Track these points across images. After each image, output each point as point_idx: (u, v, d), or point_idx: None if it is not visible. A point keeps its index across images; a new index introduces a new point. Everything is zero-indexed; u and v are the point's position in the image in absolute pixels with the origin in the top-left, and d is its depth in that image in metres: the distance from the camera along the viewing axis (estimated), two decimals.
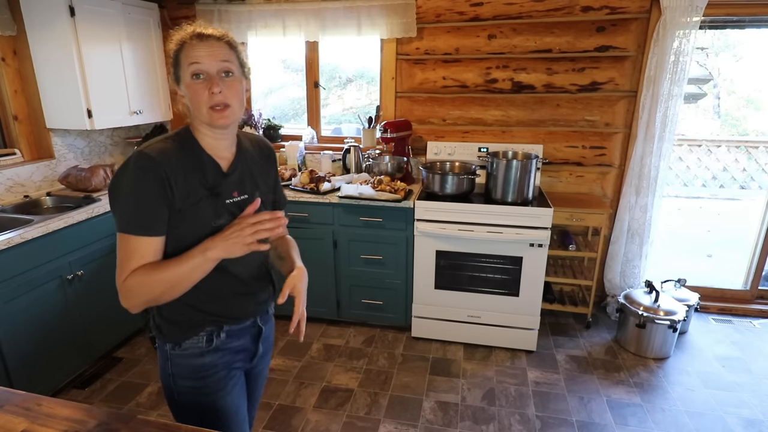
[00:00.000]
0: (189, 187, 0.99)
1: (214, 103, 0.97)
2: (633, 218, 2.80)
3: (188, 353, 1.09)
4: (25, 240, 1.94)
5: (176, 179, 0.97)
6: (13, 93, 2.56)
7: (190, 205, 0.99)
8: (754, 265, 2.99)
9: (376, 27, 2.82)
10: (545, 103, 2.85)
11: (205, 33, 0.98)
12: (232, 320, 1.13)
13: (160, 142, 1.01)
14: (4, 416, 0.88)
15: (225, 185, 1.06)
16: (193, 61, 0.96)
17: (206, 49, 0.97)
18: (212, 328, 1.10)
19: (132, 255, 0.95)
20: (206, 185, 1.02)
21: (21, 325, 1.98)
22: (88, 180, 2.56)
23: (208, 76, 0.97)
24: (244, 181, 1.10)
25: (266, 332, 1.25)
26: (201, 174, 1.02)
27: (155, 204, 0.95)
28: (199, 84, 0.97)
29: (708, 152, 5.38)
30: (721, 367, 2.48)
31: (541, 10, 2.68)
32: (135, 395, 2.25)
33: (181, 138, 1.04)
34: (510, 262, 2.49)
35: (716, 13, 2.53)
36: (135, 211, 0.95)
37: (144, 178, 0.94)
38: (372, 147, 2.98)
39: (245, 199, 1.09)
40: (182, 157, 1.00)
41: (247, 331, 1.18)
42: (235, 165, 1.09)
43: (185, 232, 1.00)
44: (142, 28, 2.88)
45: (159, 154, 0.96)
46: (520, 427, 2.06)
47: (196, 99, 0.98)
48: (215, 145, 1.06)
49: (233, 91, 1.00)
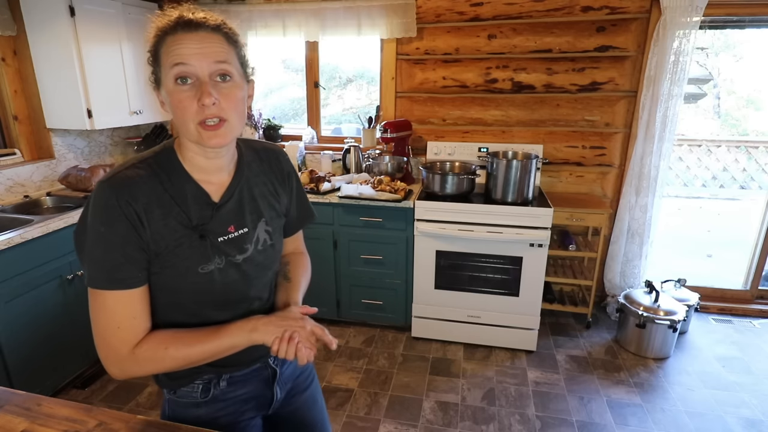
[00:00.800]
0: (165, 227, 0.78)
1: (205, 117, 0.74)
2: (633, 218, 2.80)
3: (183, 402, 0.92)
4: (25, 240, 1.94)
5: (149, 219, 0.77)
6: (13, 93, 2.56)
7: (168, 249, 0.79)
8: (754, 265, 2.99)
9: (376, 27, 2.82)
10: (545, 103, 2.85)
11: (194, 20, 0.74)
12: (232, 367, 0.92)
13: (131, 167, 0.78)
14: (4, 416, 0.88)
15: (216, 220, 0.83)
16: (178, 61, 0.72)
17: (196, 44, 0.73)
18: (209, 376, 0.91)
19: (117, 316, 0.77)
20: (189, 224, 0.80)
21: (21, 325, 1.97)
22: (88, 180, 2.56)
23: (198, 80, 0.73)
24: (243, 211, 0.87)
25: (286, 372, 1.02)
26: (181, 209, 0.80)
27: (126, 251, 0.75)
28: (185, 92, 0.73)
29: (708, 152, 5.38)
30: (721, 367, 2.48)
31: (541, 10, 2.68)
32: (135, 395, 2.25)
33: (159, 160, 0.81)
34: (510, 262, 2.49)
35: (716, 13, 2.53)
36: (105, 262, 0.75)
37: (108, 219, 0.74)
38: (372, 147, 2.98)
39: (245, 234, 0.87)
40: (156, 188, 0.78)
41: (255, 376, 0.96)
42: (231, 190, 0.86)
43: (167, 280, 0.81)
44: (142, 28, 2.88)
45: (125, 186, 0.75)
46: (520, 427, 2.06)
47: (180, 111, 0.74)
48: (205, 167, 0.83)
49: (231, 101, 0.76)
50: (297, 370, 1.06)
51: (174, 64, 0.73)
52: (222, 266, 0.84)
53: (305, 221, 1.09)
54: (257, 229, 0.89)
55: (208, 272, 0.82)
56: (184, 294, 0.83)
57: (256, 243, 0.89)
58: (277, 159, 0.98)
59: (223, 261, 0.84)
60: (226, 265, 0.84)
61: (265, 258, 0.92)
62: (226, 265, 0.84)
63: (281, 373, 1.00)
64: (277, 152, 0.99)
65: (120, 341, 0.78)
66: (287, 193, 0.99)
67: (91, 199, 0.76)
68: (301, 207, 1.05)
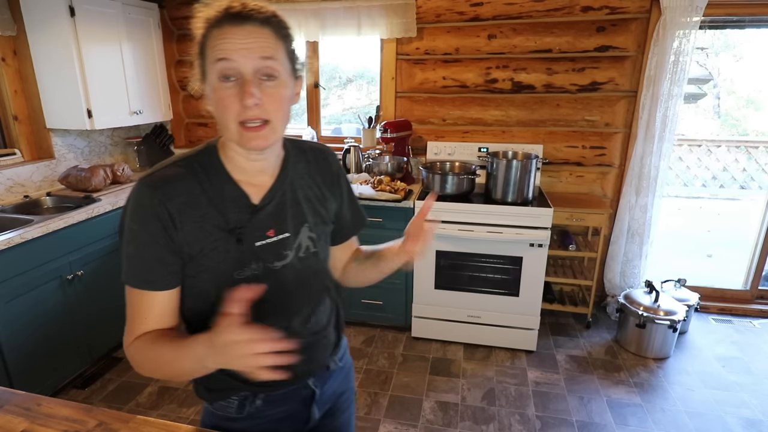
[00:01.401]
0: (202, 230, 0.76)
1: (247, 117, 0.70)
2: (633, 218, 2.80)
3: (219, 415, 0.89)
4: (25, 240, 1.94)
5: (183, 220, 0.74)
6: (13, 93, 2.56)
7: (203, 252, 0.76)
8: (754, 265, 2.99)
9: (376, 27, 2.82)
10: (545, 103, 2.85)
11: (242, 12, 0.69)
12: (269, 386, 0.86)
13: (171, 166, 0.77)
14: (4, 416, 0.88)
15: (254, 223, 0.79)
16: (222, 56, 0.69)
17: (242, 39, 0.68)
18: (245, 393, 0.87)
19: (135, 312, 0.77)
20: (226, 226, 0.77)
21: (21, 325, 1.97)
22: (88, 180, 2.56)
23: (241, 78, 0.69)
24: (284, 215, 0.82)
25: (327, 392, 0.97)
26: (218, 211, 0.77)
27: (156, 251, 0.74)
28: (227, 89, 0.70)
29: (708, 152, 5.38)
30: (721, 367, 2.48)
31: (541, 10, 2.68)
32: (135, 395, 2.25)
33: (200, 159, 0.79)
34: (510, 262, 2.49)
35: (716, 13, 2.53)
36: (134, 259, 0.75)
37: (141, 218, 0.73)
38: (372, 147, 2.98)
39: (285, 239, 0.82)
40: (194, 188, 0.76)
41: (294, 395, 0.91)
42: (272, 193, 0.81)
43: (202, 285, 0.78)
44: (142, 28, 2.88)
45: (162, 184, 0.74)
46: (520, 427, 2.06)
47: (221, 110, 0.71)
48: (247, 168, 0.79)
49: (275, 102, 0.72)
50: (339, 390, 1.00)
51: (217, 60, 0.69)
52: (259, 273, 0.79)
53: (359, 226, 1.01)
54: (300, 235, 0.84)
55: (244, 278, 0.78)
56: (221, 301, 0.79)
57: (298, 249, 0.84)
58: (325, 159, 0.92)
59: (261, 267, 0.79)
60: (263, 272, 0.80)
61: (307, 266, 0.86)
62: (263, 273, 0.80)
63: (321, 393, 0.95)
64: (326, 152, 0.93)
65: (128, 332, 0.78)
66: (336, 197, 0.93)
67: (130, 194, 0.75)
68: (354, 210, 0.98)
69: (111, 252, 2.43)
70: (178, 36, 3.23)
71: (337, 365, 0.99)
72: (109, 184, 2.68)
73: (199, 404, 2.18)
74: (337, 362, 0.99)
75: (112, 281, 2.45)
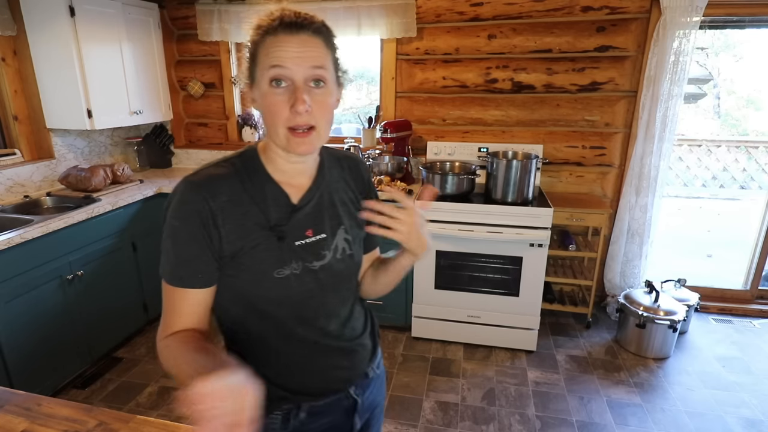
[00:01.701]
0: (243, 228, 0.77)
1: (296, 123, 0.73)
2: (633, 218, 2.80)
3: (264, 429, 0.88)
4: (25, 240, 1.94)
5: (225, 218, 0.76)
6: (13, 93, 2.56)
7: (244, 250, 0.78)
8: (754, 265, 2.99)
9: (376, 27, 2.82)
10: (545, 103, 2.85)
11: (297, 21, 0.72)
12: (311, 396, 0.88)
13: (214, 166, 0.79)
14: (4, 416, 0.88)
15: (294, 223, 0.81)
16: (276, 63, 0.71)
17: (295, 47, 0.71)
18: (288, 406, 0.87)
19: (169, 307, 0.78)
20: (267, 224, 0.79)
21: (21, 325, 1.97)
22: (88, 180, 2.56)
23: (292, 85, 0.72)
24: (322, 216, 0.85)
25: (367, 401, 0.98)
26: (260, 209, 0.79)
27: (193, 249, 0.75)
28: (278, 95, 0.73)
29: (708, 152, 5.38)
30: (721, 367, 2.48)
31: (541, 10, 2.68)
32: (135, 395, 2.25)
33: (243, 161, 0.82)
34: (510, 262, 2.49)
35: (716, 13, 2.53)
36: (172, 256, 0.76)
37: (183, 216, 0.75)
38: (372, 147, 2.98)
39: (322, 240, 0.84)
40: (236, 187, 0.78)
41: (336, 406, 0.92)
42: (311, 194, 0.84)
43: (243, 285, 0.79)
44: (142, 28, 2.88)
45: (206, 183, 0.76)
46: (520, 427, 2.06)
47: (271, 114, 0.74)
48: (287, 170, 0.82)
49: (322, 108, 0.75)
50: (376, 400, 1.02)
51: (271, 66, 0.72)
52: (299, 272, 0.81)
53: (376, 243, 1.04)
54: (336, 237, 0.86)
55: (284, 277, 0.79)
56: (261, 302, 0.81)
57: (335, 251, 0.86)
58: (357, 167, 0.96)
59: (300, 267, 0.81)
60: (302, 271, 0.81)
61: (343, 268, 0.88)
62: (302, 272, 0.81)
63: (362, 402, 0.96)
64: (358, 161, 0.98)
65: (162, 326, 0.79)
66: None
67: (174, 191, 0.77)
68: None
69: (111, 252, 2.43)
70: (178, 36, 3.23)
71: (375, 372, 1.00)
72: (109, 184, 2.68)
73: None
74: (375, 370, 1.00)
75: (112, 281, 2.45)
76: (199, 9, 3.03)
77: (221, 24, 3.01)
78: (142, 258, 2.65)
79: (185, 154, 3.42)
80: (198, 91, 3.29)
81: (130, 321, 2.63)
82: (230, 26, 3.00)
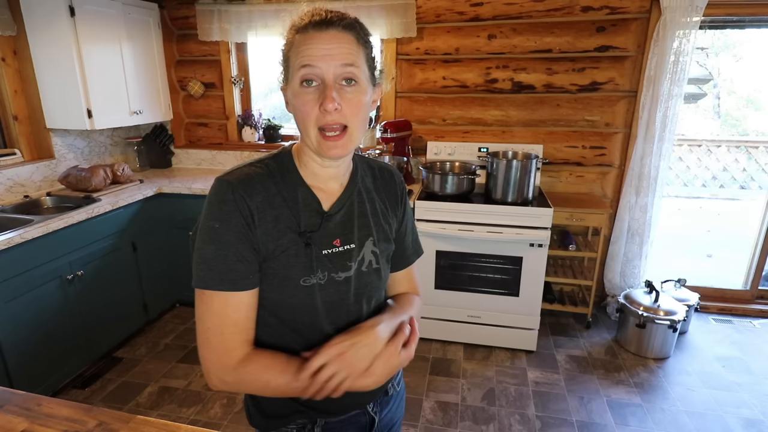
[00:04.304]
0: (275, 228, 0.75)
1: (326, 123, 0.71)
2: (633, 218, 2.80)
3: None
4: (25, 240, 1.94)
5: (261, 217, 0.74)
6: (13, 93, 2.56)
7: (274, 254, 0.75)
8: (754, 265, 2.99)
9: (376, 27, 2.82)
10: (545, 103, 2.85)
11: (327, 17, 0.71)
12: (327, 413, 0.86)
13: (248, 166, 0.78)
14: (4, 416, 0.88)
15: (323, 230, 0.79)
16: (305, 63, 0.70)
17: (324, 44, 0.70)
18: (303, 421, 0.85)
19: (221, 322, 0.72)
20: (296, 228, 0.77)
21: (21, 325, 1.98)
22: (88, 180, 2.56)
23: (323, 83, 0.71)
24: (351, 225, 0.83)
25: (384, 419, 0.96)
26: (292, 213, 0.77)
27: (239, 249, 0.73)
28: (309, 94, 0.71)
29: (708, 152, 5.38)
30: (721, 367, 2.48)
31: (541, 10, 2.68)
32: (135, 395, 2.25)
33: (276, 162, 0.80)
34: (510, 262, 2.49)
35: (716, 13, 2.53)
36: (215, 260, 0.72)
37: (225, 215, 0.72)
38: (372, 147, 2.98)
39: (350, 250, 0.81)
40: (270, 188, 0.76)
41: (352, 423, 0.90)
42: (341, 201, 0.82)
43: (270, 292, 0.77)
44: (142, 28, 2.88)
45: (242, 182, 0.74)
46: (520, 427, 2.06)
47: (302, 114, 0.73)
48: (319, 174, 0.80)
49: (354, 107, 0.72)
50: (394, 418, 0.99)
51: (302, 66, 0.70)
52: (323, 282, 0.79)
53: (417, 254, 1.01)
54: (364, 248, 0.84)
55: (309, 286, 0.77)
56: (283, 309, 0.79)
57: (361, 263, 0.83)
58: (392, 179, 0.93)
59: (325, 277, 0.79)
60: (327, 282, 0.79)
61: (368, 282, 0.85)
62: (327, 282, 0.79)
63: (379, 420, 0.93)
64: (393, 172, 0.94)
65: (225, 350, 0.73)
66: (398, 217, 0.93)
67: (208, 196, 0.75)
68: (414, 237, 0.99)
69: (111, 252, 2.43)
70: (178, 36, 3.23)
71: (395, 390, 0.98)
72: (109, 184, 2.68)
73: (199, 403, 2.18)
74: (395, 387, 0.99)
75: (112, 281, 2.45)
76: (199, 9, 3.03)
77: (221, 24, 3.01)
78: (142, 258, 2.65)
79: (185, 154, 3.42)
80: (198, 91, 3.28)
81: (130, 321, 2.63)
82: (230, 26, 3.00)
